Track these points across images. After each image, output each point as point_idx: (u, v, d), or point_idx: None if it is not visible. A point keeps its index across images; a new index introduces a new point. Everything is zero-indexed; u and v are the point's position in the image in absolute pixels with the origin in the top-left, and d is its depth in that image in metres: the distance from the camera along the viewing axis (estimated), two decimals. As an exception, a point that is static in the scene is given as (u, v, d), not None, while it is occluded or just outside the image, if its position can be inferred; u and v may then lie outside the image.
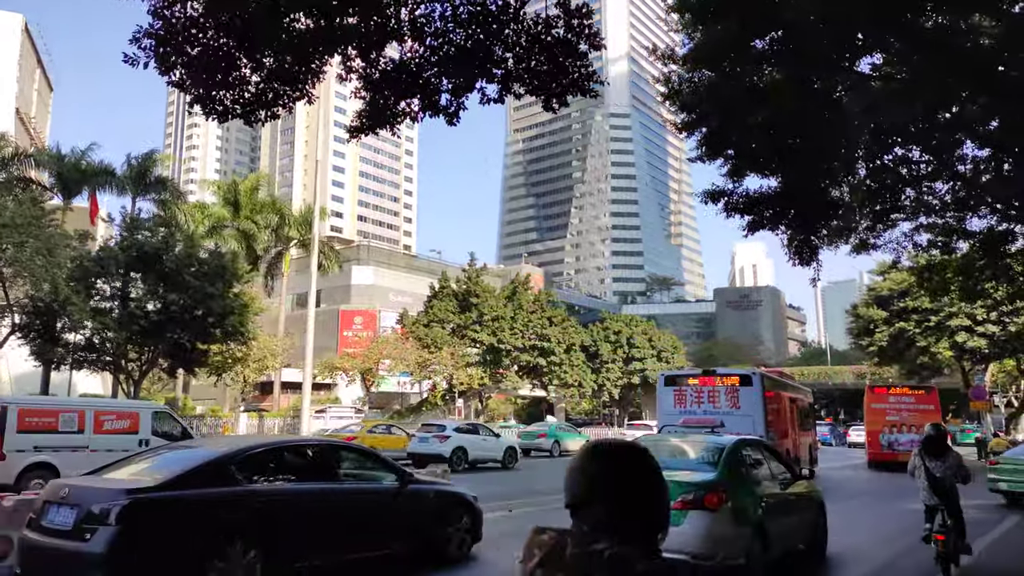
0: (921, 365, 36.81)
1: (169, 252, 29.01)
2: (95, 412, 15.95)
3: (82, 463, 14.38)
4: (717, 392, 18.34)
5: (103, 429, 15.72)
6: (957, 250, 18.36)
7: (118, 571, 5.70)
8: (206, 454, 6.99)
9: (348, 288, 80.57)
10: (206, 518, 6.27)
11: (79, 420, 15.49)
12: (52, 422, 15.15)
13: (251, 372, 34.88)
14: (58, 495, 6.25)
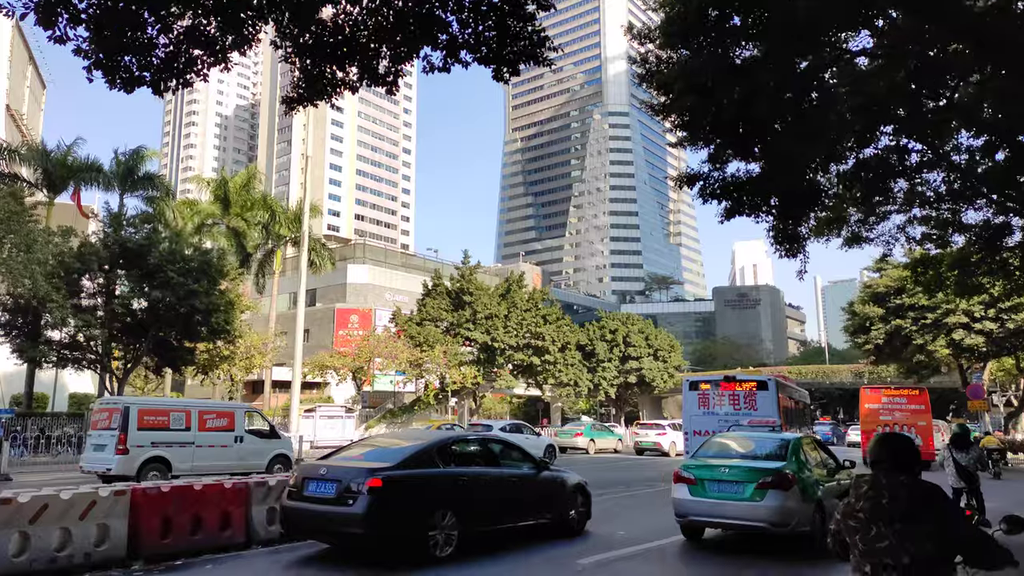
0: (918, 363, 36.17)
1: (153, 249, 28.49)
2: (199, 412, 17.69)
3: (189, 457, 16.97)
4: (737, 396, 20.40)
5: (206, 427, 17.46)
6: (953, 244, 17.83)
7: (373, 526, 7.85)
8: (415, 445, 9.13)
9: (344, 287, 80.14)
10: (424, 490, 8.46)
11: (187, 419, 17.19)
12: (164, 420, 16.85)
13: (238, 371, 34.33)
14: (317, 473, 8.43)
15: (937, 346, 33.32)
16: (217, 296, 30.17)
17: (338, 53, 6.00)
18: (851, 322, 38.13)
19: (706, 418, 20.42)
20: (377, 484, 7.87)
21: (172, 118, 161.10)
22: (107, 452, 16.20)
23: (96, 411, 18.00)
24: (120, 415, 16.26)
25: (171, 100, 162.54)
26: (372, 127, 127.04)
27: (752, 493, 8.99)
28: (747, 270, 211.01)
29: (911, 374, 40.99)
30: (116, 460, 15.91)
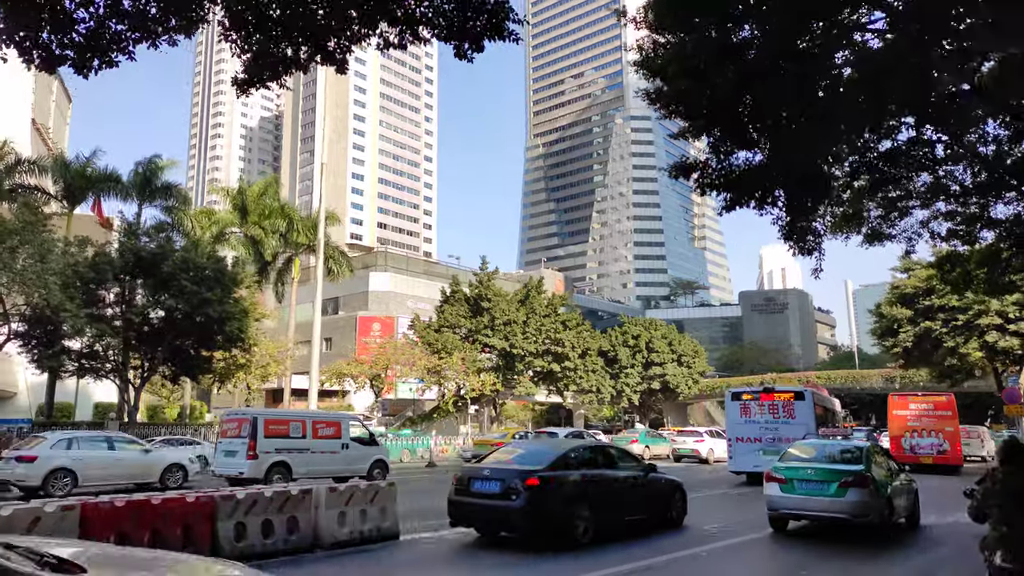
0: (950, 367, 34.77)
1: (166, 257, 28.48)
2: (313, 422, 19.57)
3: (306, 462, 18.60)
4: (776, 405, 21.76)
5: (318, 435, 19.23)
6: (981, 240, 16.92)
7: (531, 519, 9.68)
8: (554, 451, 10.96)
9: (366, 295, 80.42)
10: (567, 487, 10.17)
11: (303, 428, 18.95)
12: (285, 429, 18.58)
13: (254, 379, 34.20)
14: (481, 474, 10.30)
15: (969, 349, 31.97)
16: (231, 304, 30.09)
17: (292, 32, 5.56)
18: (878, 325, 36.83)
19: (747, 426, 21.85)
20: (535, 483, 9.85)
21: (198, 130, 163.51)
22: (238, 458, 17.78)
23: (225, 421, 19.55)
24: (249, 424, 18.05)
25: (197, 112, 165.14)
26: (393, 135, 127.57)
27: (836, 490, 11.02)
28: (775, 274, 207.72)
29: (944, 378, 39.55)
30: (248, 464, 17.53)
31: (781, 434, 20.65)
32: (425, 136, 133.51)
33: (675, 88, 8.17)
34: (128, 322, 29.54)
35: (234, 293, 31.18)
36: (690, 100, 8.15)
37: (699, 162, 9.28)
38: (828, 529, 11.84)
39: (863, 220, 15.73)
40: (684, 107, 8.50)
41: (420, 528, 11.15)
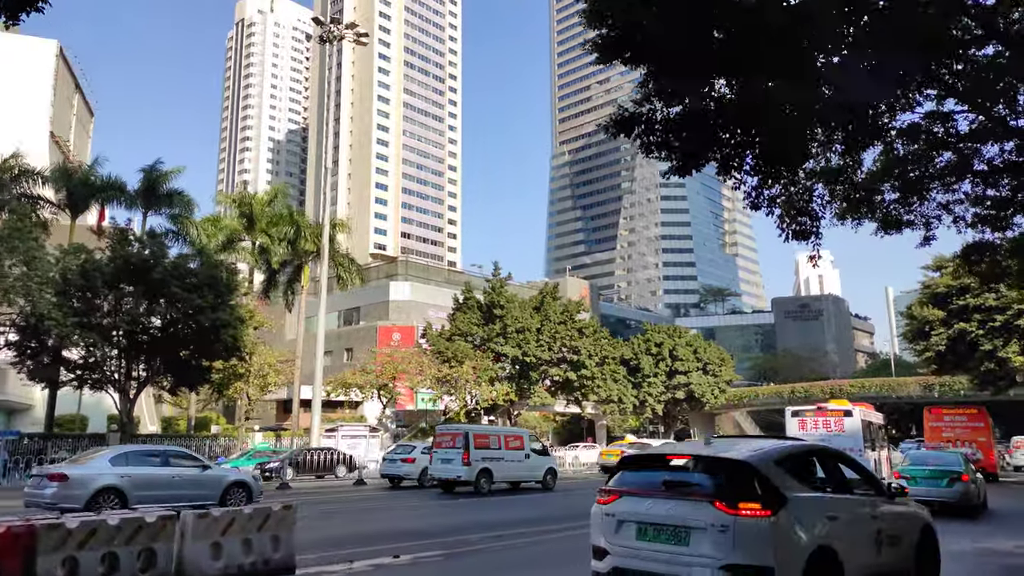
0: (988, 372, 32.19)
1: (157, 263, 27.64)
2: (504, 436, 24.04)
3: (502, 469, 22.87)
4: (829, 421, 25.20)
5: (508, 446, 23.48)
6: (1015, 226, 15.00)
7: None
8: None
9: (386, 304, 79.87)
10: None
11: (498, 441, 23.40)
12: (487, 442, 22.93)
13: (253, 389, 33.22)
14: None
15: (1009, 352, 29.40)
16: (226, 312, 29.14)
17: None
18: (909, 327, 34.31)
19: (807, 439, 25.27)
20: None
21: (227, 144, 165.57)
22: (454, 464, 22.04)
23: (439, 434, 23.77)
24: (462, 437, 22.41)
25: (226, 127, 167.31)
26: (417, 144, 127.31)
27: (946, 484, 16.74)
28: (812, 281, 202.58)
29: (986, 385, 36.89)
30: (464, 470, 21.83)
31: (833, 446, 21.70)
32: (449, 145, 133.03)
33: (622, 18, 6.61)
34: (126, 332, 28.78)
35: (230, 300, 30.24)
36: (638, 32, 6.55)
37: (641, 113, 7.64)
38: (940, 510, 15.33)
39: (876, 205, 13.98)
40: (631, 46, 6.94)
41: (333, 559, 9.20)
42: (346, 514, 17.29)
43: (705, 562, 5.79)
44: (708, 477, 6.38)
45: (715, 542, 5.78)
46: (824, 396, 63.79)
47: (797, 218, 10.65)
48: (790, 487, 6.18)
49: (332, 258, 45.43)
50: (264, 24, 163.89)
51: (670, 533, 6.03)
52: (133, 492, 15.19)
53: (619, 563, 6.30)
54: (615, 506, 6.49)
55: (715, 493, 6.04)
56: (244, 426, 39.03)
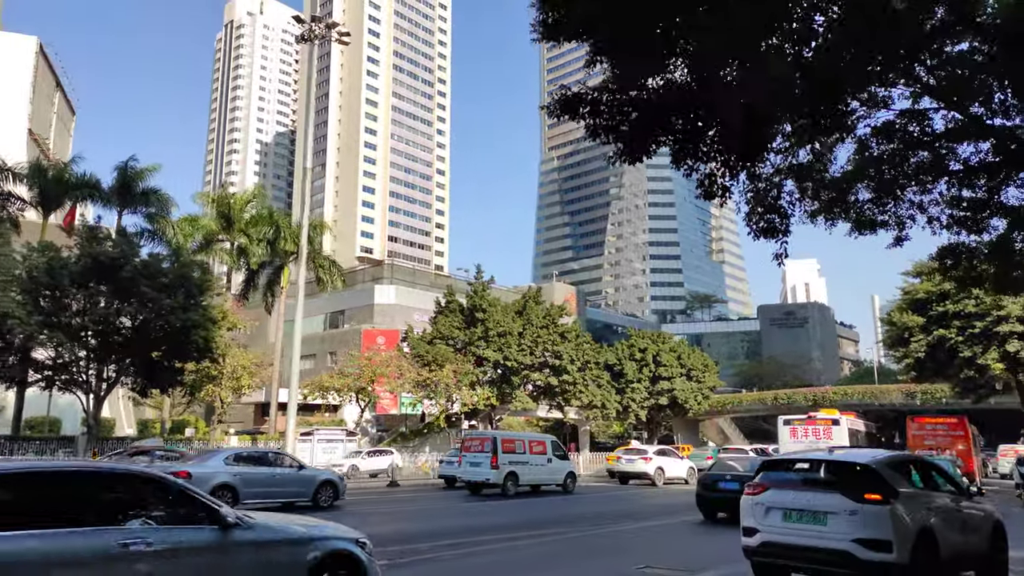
0: (968, 380, 32.01)
1: (126, 262, 27.00)
2: (529, 441, 25.55)
3: (526, 472, 24.09)
4: (818, 428, 26.92)
5: (532, 451, 24.75)
6: (992, 229, 14.74)
7: None
8: None
9: (371, 308, 79.37)
10: None
11: (523, 446, 24.67)
12: (513, 447, 24.14)
13: (226, 391, 32.56)
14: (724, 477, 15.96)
15: (988, 359, 29.20)
16: (197, 313, 28.53)
17: None
18: (889, 334, 34.11)
19: (796, 445, 26.69)
20: None
21: (215, 146, 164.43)
22: (483, 467, 23.29)
23: (468, 439, 25.37)
24: (490, 442, 23.63)
25: (214, 128, 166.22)
26: (405, 148, 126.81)
27: None
28: (798, 289, 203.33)
29: (967, 393, 36.80)
30: (492, 473, 22.99)
31: None
32: (437, 149, 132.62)
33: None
34: (99, 332, 28.12)
35: (202, 301, 29.65)
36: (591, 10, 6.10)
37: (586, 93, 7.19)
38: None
39: (850, 205, 13.66)
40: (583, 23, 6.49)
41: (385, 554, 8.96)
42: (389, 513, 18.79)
43: (840, 537, 7.78)
44: (838, 476, 8.49)
45: (847, 522, 7.77)
46: (807, 403, 63.73)
47: (765, 215, 10.28)
48: (899, 484, 8.21)
49: (313, 260, 44.86)
50: (253, 26, 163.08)
51: (811, 516, 8.06)
52: (243, 489, 16.52)
53: (768, 538, 8.37)
54: (762, 497, 8.59)
55: (845, 487, 8.05)
56: (219, 429, 38.31)
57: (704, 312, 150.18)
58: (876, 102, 13.59)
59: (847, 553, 7.70)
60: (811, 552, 7.98)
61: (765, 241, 10.24)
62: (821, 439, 26.78)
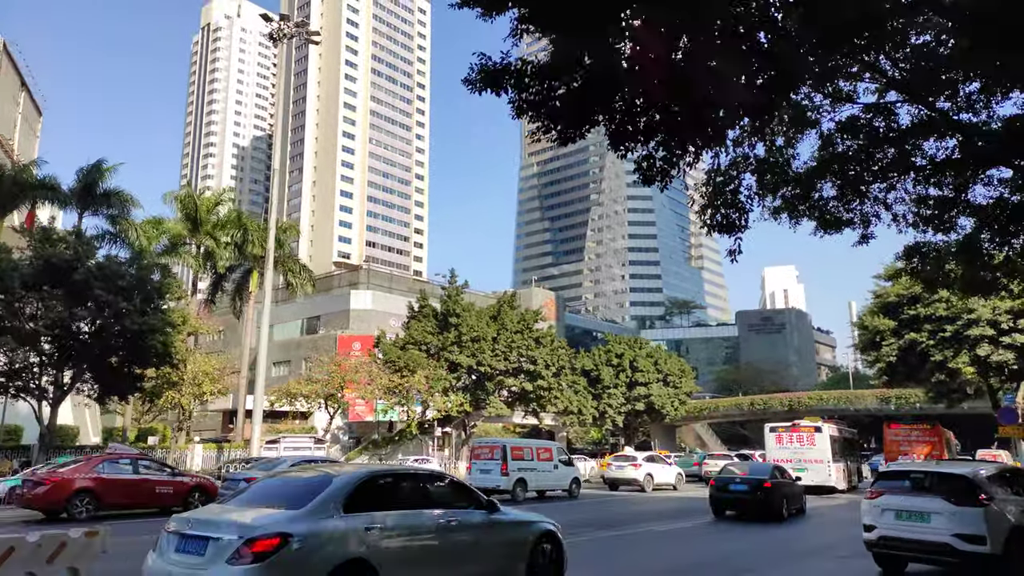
0: (940, 384, 31.86)
1: (79, 264, 26.07)
2: (536, 448, 25.93)
3: (534, 478, 24.68)
4: (802, 436, 27.83)
5: (540, 458, 25.39)
6: (959, 229, 14.39)
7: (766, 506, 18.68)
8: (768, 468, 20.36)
9: (347, 313, 78.26)
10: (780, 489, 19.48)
11: (531, 453, 25.22)
12: (522, 454, 24.74)
13: (187, 398, 31.57)
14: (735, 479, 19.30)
15: (959, 363, 29.00)
16: (155, 317, 27.63)
17: None
18: (862, 337, 33.94)
19: (782, 451, 27.89)
20: (768, 486, 18.38)
21: (191, 150, 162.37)
22: (493, 474, 23.82)
23: (477, 447, 26.05)
24: (500, 450, 24.36)
25: (190, 132, 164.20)
26: (384, 153, 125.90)
27: None
28: (777, 295, 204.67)
29: (940, 398, 36.69)
30: (503, 479, 23.59)
31: (804, 456, 27.22)
32: (416, 153, 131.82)
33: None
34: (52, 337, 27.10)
35: (162, 305, 28.74)
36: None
37: (512, 64, 6.55)
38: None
39: (815, 203, 13.24)
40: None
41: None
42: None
43: (942, 532, 9.73)
44: (942, 483, 10.42)
45: (948, 520, 9.72)
46: (783, 408, 63.70)
47: (721, 209, 9.79)
48: (994, 491, 10.07)
49: (282, 264, 44.02)
50: (231, 30, 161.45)
51: (918, 515, 10.12)
52: None
53: (883, 533, 10.47)
54: (879, 500, 10.75)
55: (946, 492, 10.06)
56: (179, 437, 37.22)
57: (683, 318, 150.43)
58: (841, 96, 13.23)
59: (948, 545, 9.68)
60: (918, 544, 10.06)
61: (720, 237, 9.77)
62: (804, 445, 27.56)
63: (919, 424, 34.10)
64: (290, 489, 7.23)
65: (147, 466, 18.99)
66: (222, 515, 6.67)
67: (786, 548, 14.84)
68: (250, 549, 5.95)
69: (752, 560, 12.91)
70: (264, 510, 6.61)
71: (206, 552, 6.13)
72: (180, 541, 6.42)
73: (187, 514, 7.01)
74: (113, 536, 14.56)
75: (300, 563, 6.13)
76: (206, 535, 6.25)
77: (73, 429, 45.72)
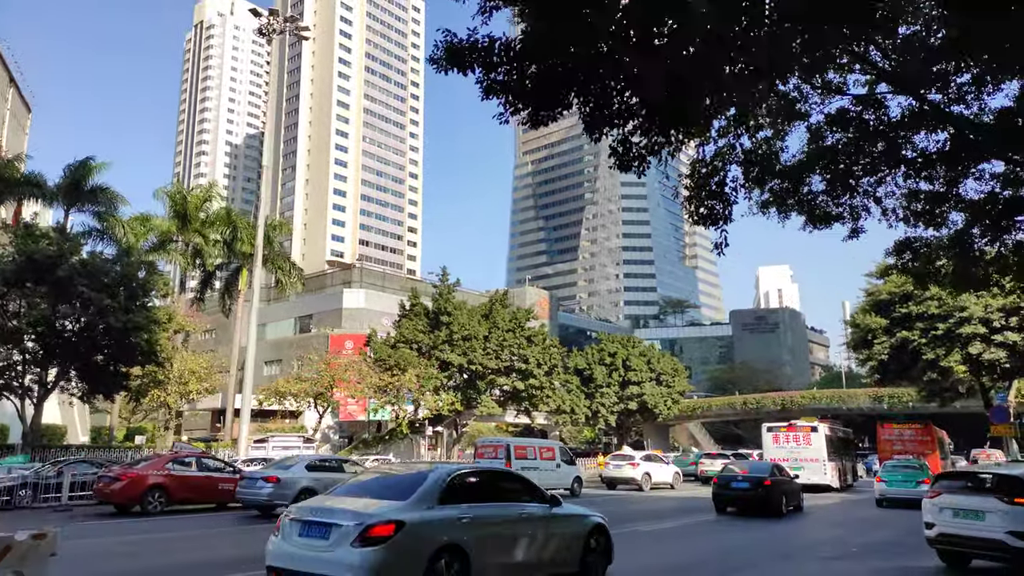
0: (932, 383, 31.65)
1: (62, 261, 25.70)
2: (539, 447, 26.61)
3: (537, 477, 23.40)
4: (798, 435, 28.50)
5: (543, 457, 25.95)
6: (951, 224, 14.18)
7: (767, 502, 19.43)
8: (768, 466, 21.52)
9: (339, 312, 77.95)
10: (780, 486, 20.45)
11: (534, 452, 25.81)
12: (525, 453, 25.36)
13: (173, 397, 31.17)
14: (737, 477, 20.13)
15: (951, 362, 28.78)
16: (140, 314, 27.27)
17: None
18: (853, 336, 33.72)
19: (779, 450, 28.55)
20: (769, 483, 19.23)
21: (184, 148, 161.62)
22: None
23: (481, 446, 26.13)
24: (504, 449, 24.78)
25: (182, 130, 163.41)
26: (377, 151, 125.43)
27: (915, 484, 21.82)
28: (772, 295, 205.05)
29: (932, 397, 36.55)
30: None
31: (801, 456, 28.00)
32: (410, 152, 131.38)
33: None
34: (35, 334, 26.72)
35: (147, 302, 28.38)
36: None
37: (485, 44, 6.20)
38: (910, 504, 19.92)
39: (803, 197, 13.01)
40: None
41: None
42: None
43: (996, 528, 10.31)
44: (997, 484, 11.00)
45: (1001, 518, 10.28)
46: (775, 407, 63.64)
47: (706, 201, 9.52)
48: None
49: (272, 261, 43.62)
50: (223, 27, 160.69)
51: (973, 514, 10.68)
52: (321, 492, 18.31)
53: (942, 530, 11.06)
54: (938, 500, 11.31)
55: (1000, 493, 10.61)
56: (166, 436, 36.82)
57: (677, 317, 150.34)
58: (831, 88, 13.00)
59: (1001, 542, 10.20)
60: (974, 540, 10.66)
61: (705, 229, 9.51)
62: (801, 445, 28.23)
63: (912, 424, 34.33)
64: (391, 484, 8.47)
65: (210, 464, 20.14)
66: (337, 505, 7.74)
67: (786, 544, 14.95)
68: (369, 533, 7.02)
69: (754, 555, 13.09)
70: (374, 501, 7.69)
71: (330, 536, 7.17)
72: (303, 527, 7.45)
73: (305, 503, 8.22)
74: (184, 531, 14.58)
75: (409, 547, 7.18)
76: (328, 521, 7.29)
77: (60, 428, 45.26)
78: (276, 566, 7.50)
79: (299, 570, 7.22)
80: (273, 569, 7.54)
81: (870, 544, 14.70)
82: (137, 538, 14.12)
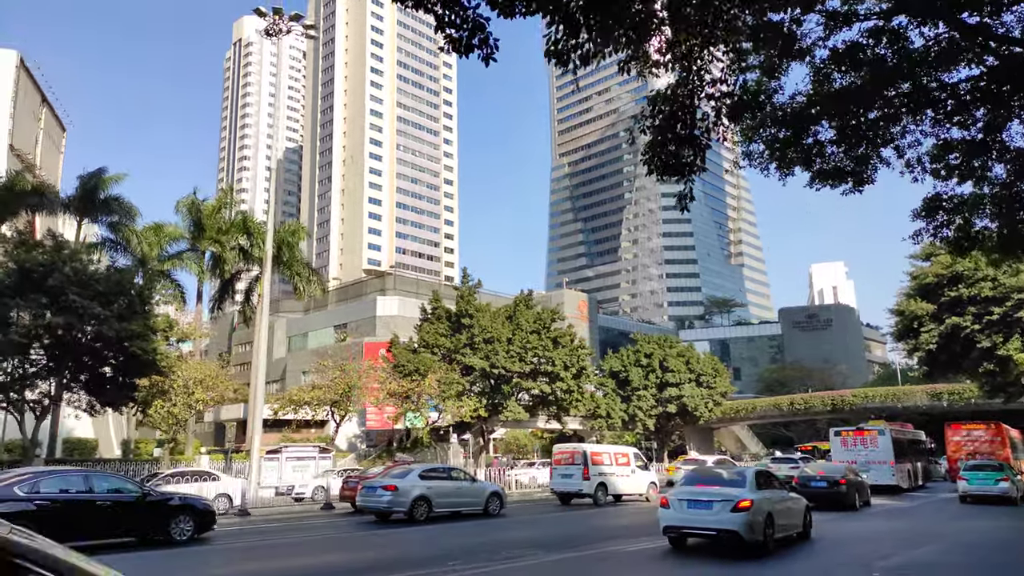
0: (988, 374, 28.44)
1: (54, 270, 24.99)
2: (614, 453, 26.49)
3: (612, 483, 25.21)
4: (866, 439, 28.98)
5: (617, 463, 25.98)
6: (994, 178, 11.89)
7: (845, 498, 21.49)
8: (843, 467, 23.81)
9: (373, 320, 77.59)
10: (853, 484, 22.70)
11: (609, 458, 25.80)
12: (601, 459, 25.34)
13: (179, 407, 30.28)
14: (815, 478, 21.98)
15: (1010, 350, 25.67)
16: (137, 322, 26.40)
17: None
18: (898, 324, 30.67)
19: (847, 453, 29.10)
20: (844, 482, 21.30)
21: (225, 164, 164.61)
22: (575, 479, 24.64)
23: (558, 453, 26.18)
24: (581, 455, 24.94)
25: (224, 147, 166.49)
26: (412, 159, 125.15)
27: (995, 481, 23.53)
28: (826, 292, 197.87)
29: (996, 392, 33.28)
30: (584, 484, 24.37)
31: (869, 458, 28.41)
32: (445, 158, 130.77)
33: None
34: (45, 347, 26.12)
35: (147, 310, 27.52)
36: None
37: None
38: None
39: (808, 148, 10.92)
40: None
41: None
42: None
43: None
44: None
45: None
46: (824, 407, 60.13)
47: (669, 147, 7.63)
48: None
49: (290, 267, 42.74)
50: (261, 44, 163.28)
51: None
52: (435, 499, 19.34)
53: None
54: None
55: None
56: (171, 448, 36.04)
57: (723, 317, 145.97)
58: (837, 18, 10.92)
59: None
60: None
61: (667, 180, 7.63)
62: (868, 447, 28.77)
63: (980, 423, 34.25)
64: (727, 477, 13.57)
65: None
66: (706, 489, 12.80)
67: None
68: (738, 506, 12.00)
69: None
70: (726, 488, 12.63)
71: (713, 507, 12.21)
72: (690, 504, 12.56)
73: (674, 493, 13.09)
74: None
75: (756, 515, 12.08)
76: (709, 499, 12.35)
77: (91, 442, 45.19)
78: (675, 525, 12.58)
79: (695, 527, 12.38)
80: (672, 528, 12.62)
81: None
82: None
